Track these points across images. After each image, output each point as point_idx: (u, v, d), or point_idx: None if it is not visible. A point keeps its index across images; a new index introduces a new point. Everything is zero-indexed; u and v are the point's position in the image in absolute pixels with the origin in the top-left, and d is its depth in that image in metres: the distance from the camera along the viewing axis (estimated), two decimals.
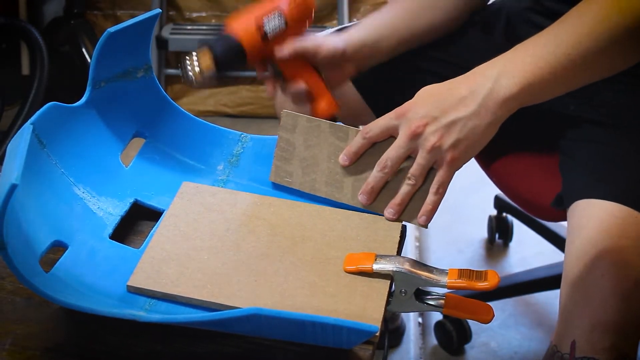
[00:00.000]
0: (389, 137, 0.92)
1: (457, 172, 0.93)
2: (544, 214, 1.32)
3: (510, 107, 0.91)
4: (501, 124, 0.92)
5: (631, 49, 0.95)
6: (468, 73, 0.93)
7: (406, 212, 0.92)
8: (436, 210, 0.91)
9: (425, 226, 0.92)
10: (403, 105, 0.91)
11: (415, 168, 0.90)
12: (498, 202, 1.94)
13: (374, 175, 0.92)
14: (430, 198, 0.91)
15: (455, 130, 0.89)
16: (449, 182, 0.91)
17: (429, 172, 0.91)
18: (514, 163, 1.34)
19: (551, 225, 1.79)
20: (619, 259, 0.95)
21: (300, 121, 0.95)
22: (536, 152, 1.32)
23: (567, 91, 0.96)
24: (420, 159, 0.90)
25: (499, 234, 1.97)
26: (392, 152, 0.91)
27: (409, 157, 0.92)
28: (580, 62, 0.92)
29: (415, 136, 0.89)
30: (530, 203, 1.31)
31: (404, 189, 0.91)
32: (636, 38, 0.94)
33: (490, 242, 1.99)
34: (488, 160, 1.39)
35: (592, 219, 1.04)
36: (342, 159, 0.93)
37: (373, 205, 0.93)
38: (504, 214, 1.96)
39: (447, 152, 0.89)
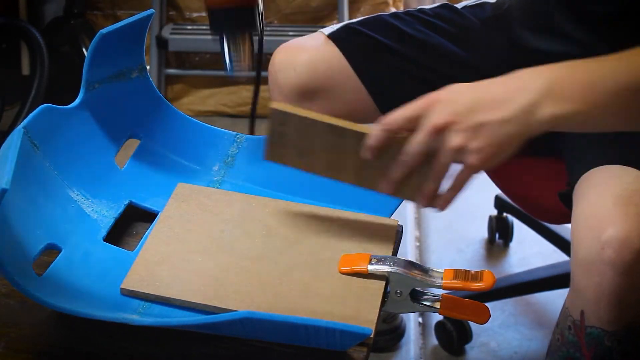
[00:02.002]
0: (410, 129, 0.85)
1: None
2: (548, 217, 1.32)
3: (546, 128, 0.85)
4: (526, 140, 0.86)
5: None
6: (507, 75, 0.86)
7: (401, 190, 0.87)
8: (450, 203, 0.86)
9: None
10: (430, 95, 0.84)
11: (438, 167, 0.84)
12: (498, 202, 1.94)
13: (395, 169, 0.86)
14: (446, 194, 0.86)
15: (482, 134, 0.82)
16: (467, 182, 0.86)
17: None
18: (517, 166, 1.33)
19: (551, 225, 1.78)
20: (621, 230, 0.92)
21: (292, 120, 0.87)
22: (540, 156, 1.32)
23: (612, 130, 0.91)
24: (442, 157, 0.83)
25: (499, 234, 1.97)
26: (411, 148, 0.84)
27: None
28: (636, 99, 0.86)
29: (438, 132, 0.82)
30: (534, 206, 1.30)
31: (428, 185, 0.85)
32: None
33: (490, 242, 1.98)
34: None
35: (597, 185, 0.99)
36: (365, 154, 0.86)
37: (374, 184, 0.87)
38: (504, 214, 1.95)
39: (471, 156, 0.83)
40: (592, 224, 0.95)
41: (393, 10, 2.44)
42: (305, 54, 1.24)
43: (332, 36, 1.26)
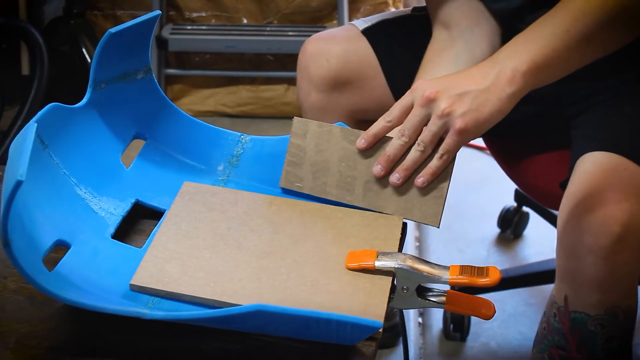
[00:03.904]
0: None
1: (457, 171, 0.93)
2: (555, 204, 1.33)
3: (520, 85, 0.93)
4: (512, 105, 0.94)
5: (626, 25, 0.98)
6: (478, 64, 0.97)
7: (408, 210, 0.92)
8: (436, 176, 0.92)
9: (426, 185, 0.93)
10: (415, 82, 0.94)
11: (425, 134, 0.91)
12: (518, 195, 1.95)
13: (392, 144, 0.92)
14: (433, 162, 0.91)
15: (466, 100, 0.91)
16: (455, 151, 0.92)
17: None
18: (528, 154, 1.35)
19: None
20: (601, 215, 0.96)
21: (311, 127, 0.95)
22: (552, 146, 1.33)
23: (572, 70, 0.98)
24: (431, 125, 0.91)
25: (512, 227, 1.98)
26: (409, 122, 0.92)
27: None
28: (580, 38, 0.95)
29: (429, 102, 0.90)
30: (542, 194, 1.32)
31: (413, 154, 0.92)
32: (630, 15, 0.97)
33: (502, 232, 2.00)
34: (502, 151, 1.40)
35: (580, 173, 1.05)
36: (360, 142, 0.93)
37: (381, 205, 0.93)
38: (523, 207, 1.96)
39: (457, 120, 0.90)
40: (574, 210, 0.99)
41: (393, 10, 2.45)
42: (339, 46, 1.26)
43: (365, 31, 1.28)
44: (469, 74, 0.94)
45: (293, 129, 0.96)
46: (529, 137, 1.35)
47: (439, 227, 0.93)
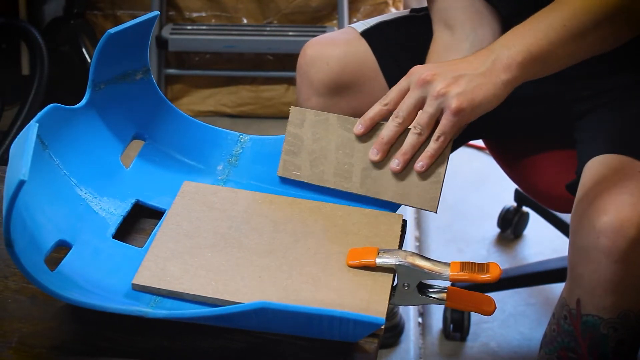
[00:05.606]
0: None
1: (457, 171, 0.93)
2: (557, 205, 1.34)
3: (515, 74, 0.93)
4: (507, 92, 0.94)
5: (623, 24, 0.99)
6: (475, 52, 0.98)
7: (405, 195, 0.92)
8: (434, 158, 0.92)
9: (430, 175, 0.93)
10: (412, 68, 0.95)
11: (421, 116, 0.91)
12: (518, 195, 1.95)
13: (387, 126, 0.92)
14: (431, 145, 0.91)
15: (462, 82, 0.92)
16: (451, 133, 0.92)
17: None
18: (528, 155, 1.35)
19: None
20: (616, 218, 0.96)
21: (308, 116, 0.96)
22: (553, 147, 1.34)
23: (568, 64, 0.99)
24: (426, 107, 0.91)
25: (512, 227, 1.98)
26: (404, 103, 0.92)
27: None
28: (577, 33, 0.96)
29: (424, 83, 0.91)
30: (545, 195, 1.32)
31: (410, 138, 0.92)
32: (629, 14, 0.98)
33: (502, 232, 2.00)
34: (503, 152, 1.40)
35: (591, 175, 1.05)
36: (357, 127, 0.93)
37: (379, 191, 0.93)
38: (523, 207, 1.96)
39: (452, 100, 0.90)
40: (588, 212, 0.99)
41: (393, 10, 2.45)
42: (339, 49, 1.26)
43: (364, 34, 1.28)
44: (465, 60, 0.95)
45: (290, 119, 0.96)
46: (530, 137, 1.35)
47: (436, 212, 0.92)
